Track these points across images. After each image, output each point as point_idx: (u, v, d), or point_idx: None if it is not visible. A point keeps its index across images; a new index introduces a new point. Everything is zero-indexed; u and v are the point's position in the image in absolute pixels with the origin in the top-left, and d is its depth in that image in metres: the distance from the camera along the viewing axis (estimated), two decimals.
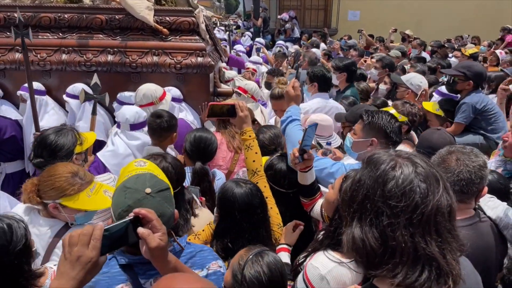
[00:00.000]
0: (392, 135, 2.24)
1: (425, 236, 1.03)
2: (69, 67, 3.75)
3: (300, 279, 1.48)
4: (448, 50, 9.85)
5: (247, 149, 2.35)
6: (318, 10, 14.41)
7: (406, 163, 1.09)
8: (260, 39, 11.95)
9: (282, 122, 2.46)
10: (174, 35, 3.89)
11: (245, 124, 2.41)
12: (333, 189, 1.82)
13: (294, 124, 2.37)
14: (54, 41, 3.77)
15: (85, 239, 1.14)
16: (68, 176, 1.94)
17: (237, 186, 1.95)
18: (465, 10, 13.13)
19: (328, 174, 2.20)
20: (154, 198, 1.39)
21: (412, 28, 12.33)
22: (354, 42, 11.76)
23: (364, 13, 13.97)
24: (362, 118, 2.33)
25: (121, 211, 1.37)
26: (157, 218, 1.27)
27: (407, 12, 13.42)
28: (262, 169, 2.30)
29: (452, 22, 13.06)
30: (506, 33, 11.32)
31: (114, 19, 3.83)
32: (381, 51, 9.56)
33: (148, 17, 3.78)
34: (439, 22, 13.11)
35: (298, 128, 2.35)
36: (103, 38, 3.83)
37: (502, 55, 8.36)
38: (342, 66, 4.52)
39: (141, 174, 1.50)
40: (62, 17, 3.79)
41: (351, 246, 1.10)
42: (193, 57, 3.83)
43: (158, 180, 1.48)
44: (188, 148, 2.75)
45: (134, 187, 1.41)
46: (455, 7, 13.16)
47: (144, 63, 3.78)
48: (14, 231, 1.53)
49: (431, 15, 13.31)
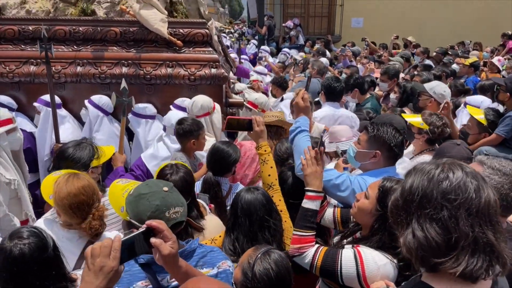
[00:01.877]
0: (395, 148, 2.29)
1: (482, 226, 1.11)
2: (84, 79, 3.78)
3: (350, 256, 1.74)
4: (452, 57, 9.88)
5: (263, 163, 2.43)
6: (322, 17, 14.46)
7: (454, 167, 1.18)
8: (266, 47, 12.01)
9: (291, 132, 2.51)
10: (188, 47, 3.93)
11: (260, 139, 2.50)
12: (367, 199, 1.85)
13: (303, 135, 2.41)
14: (69, 53, 3.80)
15: (106, 250, 1.24)
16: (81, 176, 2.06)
17: (248, 191, 2.08)
18: (467, 16, 13.19)
19: (333, 186, 2.24)
20: (173, 193, 1.58)
21: (414, 34, 12.41)
22: (357, 49, 11.83)
23: (367, 20, 14.03)
24: (367, 129, 2.37)
25: (150, 214, 1.52)
26: (167, 228, 1.38)
27: (409, 19, 13.48)
28: (277, 183, 2.38)
29: (454, 28, 13.12)
30: (506, 39, 11.37)
31: (128, 32, 3.86)
32: (385, 58, 9.61)
33: (162, 29, 3.81)
34: (441, 29, 13.17)
35: (306, 139, 2.39)
36: (118, 51, 3.86)
37: (501, 62, 8.42)
38: (350, 85, 4.70)
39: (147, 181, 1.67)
40: (77, 30, 3.82)
41: (413, 245, 1.16)
42: (206, 68, 3.86)
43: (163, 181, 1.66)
44: (207, 158, 2.86)
45: (152, 190, 1.57)
46: (457, 13, 13.24)
47: (158, 75, 3.81)
48: (42, 230, 1.67)
49: (433, 22, 13.37)
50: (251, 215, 2.01)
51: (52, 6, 3.95)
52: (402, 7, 13.58)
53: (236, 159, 2.83)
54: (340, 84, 4.24)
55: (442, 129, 3.31)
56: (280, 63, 9.99)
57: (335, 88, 4.16)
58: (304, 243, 1.92)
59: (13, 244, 1.57)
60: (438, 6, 13.31)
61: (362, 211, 1.87)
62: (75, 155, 2.49)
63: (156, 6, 3.87)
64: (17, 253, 1.56)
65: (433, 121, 3.31)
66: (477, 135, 3.78)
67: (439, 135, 3.30)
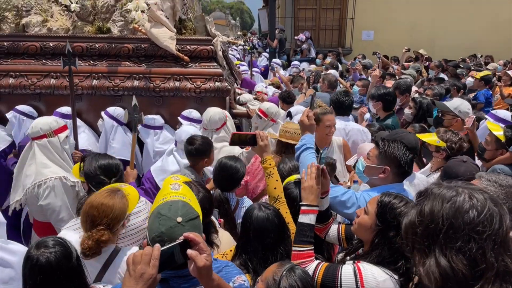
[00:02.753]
0: (405, 166, 2.29)
1: (503, 254, 1.14)
2: (99, 91, 4.10)
3: (350, 272, 1.76)
4: (464, 70, 9.93)
5: (268, 177, 2.49)
6: (333, 30, 14.67)
7: (474, 192, 1.19)
8: (277, 60, 12.27)
9: (297, 149, 2.54)
10: (194, 62, 4.22)
11: (265, 153, 2.56)
12: (367, 215, 1.88)
13: (308, 152, 2.45)
14: (86, 68, 4.13)
15: (146, 258, 1.32)
16: (116, 197, 2.11)
17: (259, 209, 2.08)
18: (479, 29, 13.25)
19: (339, 203, 2.26)
20: (184, 227, 1.51)
21: (425, 47, 12.52)
22: (368, 62, 11.97)
23: (378, 33, 14.18)
24: (378, 145, 2.38)
25: (155, 236, 1.50)
26: (203, 241, 1.43)
27: (420, 31, 13.59)
28: (283, 196, 2.42)
29: (465, 41, 13.17)
30: None
31: (140, 48, 4.18)
32: (397, 71, 9.65)
33: (171, 46, 4.12)
34: (453, 41, 13.25)
35: (312, 156, 2.42)
36: (130, 65, 4.18)
37: None
38: (377, 95, 4.56)
39: (174, 201, 1.61)
40: (93, 46, 4.16)
41: (437, 275, 1.15)
42: (211, 82, 4.15)
43: (190, 208, 1.59)
44: (213, 174, 2.93)
45: (168, 215, 1.53)
46: (469, 26, 13.29)
47: (166, 88, 4.10)
48: (66, 240, 1.76)
49: (444, 34, 13.47)
50: (264, 238, 2.02)
51: (71, 25, 4.29)
52: (413, 19, 13.68)
53: (243, 173, 2.90)
54: (349, 98, 4.29)
55: (460, 145, 3.32)
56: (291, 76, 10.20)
57: (344, 102, 4.20)
58: (303, 258, 1.93)
59: (40, 253, 1.64)
60: (450, 19, 13.39)
61: (362, 226, 1.90)
62: (118, 163, 2.69)
63: (165, 25, 4.19)
64: (43, 261, 1.62)
65: (450, 137, 3.31)
66: (494, 152, 3.64)
67: (457, 151, 3.29)
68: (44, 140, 3.05)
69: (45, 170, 3.01)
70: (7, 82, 4.02)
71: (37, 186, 2.97)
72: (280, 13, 15.18)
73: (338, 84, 7.16)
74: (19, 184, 3.09)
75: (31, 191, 2.99)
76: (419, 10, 13.52)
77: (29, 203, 3.08)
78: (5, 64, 4.09)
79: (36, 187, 2.97)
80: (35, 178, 3.00)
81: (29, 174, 3.02)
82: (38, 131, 3.05)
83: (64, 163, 3.13)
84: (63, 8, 4.31)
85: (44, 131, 3.06)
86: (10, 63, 4.10)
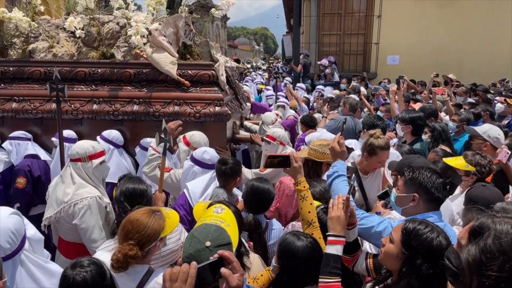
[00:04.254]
0: (434, 191, 2.24)
1: None
2: (99, 116, 4.10)
3: None
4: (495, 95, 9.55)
5: (302, 200, 2.41)
6: (357, 55, 14.54)
7: None
8: (301, 84, 12.24)
9: (328, 177, 2.52)
10: (195, 87, 4.17)
11: (299, 175, 2.49)
12: (392, 243, 1.84)
13: (340, 180, 2.43)
14: (87, 92, 4.15)
15: (184, 276, 1.33)
16: (153, 217, 2.14)
17: (298, 239, 2.04)
18: (509, 52, 12.78)
19: (375, 233, 2.22)
20: (212, 252, 1.50)
21: (452, 71, 12.16)
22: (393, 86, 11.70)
23: (403, 57, 13.94)
24: (404, 173, 2.36)
25: (184, 257, 1.53)
26: (237, 260, 1.43)
27: (447, 56, 13.26)
28: (317, 220, 2.35)
29: (495, 65, 12.72)
30: None
31: (141, 73, 4.18)
32: (424, 95, 9.40)
33: (172, 70, 4.09)
34: (481, 65, 12.82)
35: (344, 184, 2.41)
36: (131, 90, 4.17)
37: None
38: (408, 118, 4.46)
39: (209, 225, 1.62)
40: (96, 71, 4.19)
41: None
42: (211, 106, 4.07)
43: (222, 234, 1.60)
44: (244, 197, 2.87)
45: (198, 237, 1.56)
46: (498, 49, 12.86)
47: (166, 112, 4.06)
48: (99, 260, 1.83)
49: (472, 58, 13.06)
50: (303, 273, 2.00)
51: (77, 50, 4.36)
52: (439, 43, 13.37)
53: (274, 196, 2.88)
54: (383, 122, 4.32)
55: (489, 167, 3.25)
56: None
57: (378, 126, 4.19)
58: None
59: (76, 272, 1.72)
60: (478, 42, 13.01)
61: (388, 255, 1.85)
62: (144, 189, 2.73)
63: (167, 50, 4.17)
64: (80, 280, 1.70)
65: (478, 161, 3.23)
66: None
67: (488, 174, 3.24)
68: (78, 163, 3.12)
69: (81, 190, 3.07)
70: (10, 106, 4.09)
71: (73, 205, 3.02)
72: (304, 39, 15.23)
73: (359, 107, 6.99)
74: (53, 202, 3.12)
75: (67, 209, 3.02)
76: (445, 33, 13.22)
77: (61, 222, 3.09)
78: (10, 89, 4.18)
79: (72, 206, 3.01)
80: (71, 197, 3.04)
81: (68, 193, 3.06)
82: (75, 154, 3.13)
83: (97, 185, 3.19)
84: (70, 34, 4.38)
85: (80, 155, 3.12)
86: (15, 88, 4.18)
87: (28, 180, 3.77)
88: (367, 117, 4.55)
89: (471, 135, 4.20)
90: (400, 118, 4.58)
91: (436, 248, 1.70)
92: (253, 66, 19.24)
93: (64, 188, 3.09)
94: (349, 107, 6.12)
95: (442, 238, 1.73)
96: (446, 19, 13.18)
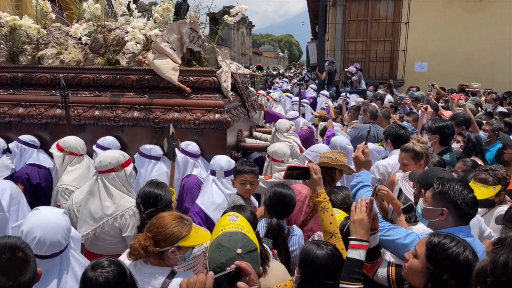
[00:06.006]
0: (464, 206, 2.14)
1: None
2: (101, 122, 4.14)
3: None
4: None
5: (323, 211, 2.40)
6: (384, 62, 14.24)
7: None
8: (325, 91, 12.07)
9: (353, 187, 2.48)
10: (196, 93, 4.14)
11: (318, 186, 2.49)
12: (416, 258, 1.78)
13: (365, 190, 2.39)
14: (91, 98, 4.20)
15: (200, 286, 1.33)
16: (177, 221, 2.19)
17: (318, 247, 2.03)
18: None
19: (401, 245, 2.16)
20: (244, 259, 1.53)
21: (483, 79, 11.69)
22: (421, 94, 11.35)
23: (432, 64, 13.54)
24: (433, 186, 2.28)
25: (215, 267, 1.52)
26: (254, 272, 1.42)
27: (477, 62, 12.78)
28: (339, 231, 2.33)
29: None
30: None
31: (143, 79, 4.19)
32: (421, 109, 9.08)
33: (173, 77, 4.08)
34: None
35: (369, 194, 2.38)
36: (133, 96, 4.19)
37: None
38: (434, 128, 4.35)
39: (234, 232, 1.63)
40: (99, 78, 4.24)
41: None
42: (211, 113, 4.02)
43: (249, 240, 1.62)
44: (267, 203, 2.89)
45: (228, 246, 1.56)
46: None
47: (165, 119, 4.04)
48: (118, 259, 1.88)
49: (505, 65, 12.50)
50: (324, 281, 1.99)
51: (83, 57, 4.42)
52: (469, 50, 12.91)
53: (295, 202, 2.89)
54: (406, 131, 4.21)
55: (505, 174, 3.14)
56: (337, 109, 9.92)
57: (401, 135, 4.12)
58: None
59: (98, 273, 1.76)
60: (510, 48, 12.46)
61: (412, 271, 1.80)
62: (162, 194, 2.71)
63: (170, 56, 4.17)
64: (102, 280, 1.74)
65: (496, 175, 3.09)
66: None
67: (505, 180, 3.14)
68: (112, 174, 3.10)
69: (122, 200, 3.07)
70: (17, 111, 4.18)
71: (120, 217, 3.02)
72: (329, 46, 15.06)
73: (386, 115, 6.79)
74: (87, 218, 3.07)
75: (112, 222, 3.01)
76: (476, 39, 12.75)
77: (102, 236, 3.05)
78: (18, 94, 4.28)
79: (119, 218, 3.02)
80: (115, 209, 3.03)
81: (107, 206, 3.04)
82: (107, 165, 3.10)
83: (132, 193, 3.19)
84: (78, 41, 4.46)
85: (113, 165, 3.11)
86: (23, 93, 4.28)
87: (26, 188, 3.81)
88: (390, 127, 4.42)
89: (505, 144, 4.06)
90: (427, 128, 4.44)
91: (463, 263, 1.65)
92: (280, 73, 19.28)
93: (100, 202, 3.06)
94: (369, 115, 6.02)
95: (468, 253, 1.67)
96: (476, 25, 12.75)
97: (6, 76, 4.37)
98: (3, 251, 1.61)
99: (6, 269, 1.58)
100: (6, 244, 1.63)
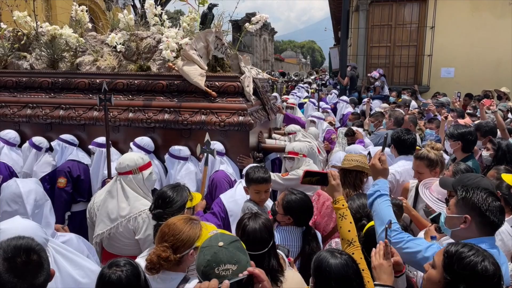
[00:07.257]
0: (489, 214, 2.04)
1: None
2: (134, 123, 4.45)
3: None
4: None
5: (341, 218, 2.33)
6: (408, 67, 14.15)
7: None
8: (345, 97, 12.12)
9: (369, 196, 2.42)
10: (221, 97, 4.41)
11: (336, 193, 2.43)
12: (434, 268, 1.74)
13: (383, 200, 2.32)
14: (125, 102, 4.53)
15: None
16: (189, 223, 2.19)
17: (332, 256, 1.90)
18: None
19: (423, 259, 2.08)
20: (227, 249, 1.54)
21: None
22: (446, 100, 11.27)
23: (459, 70, 13.39)
24: (457, 193, 2.19)
25: (203, 268, 1.52)
26: (267, 280, 1.43)
27: (507, 68, 12.56)
28: (357, 239, 2.26)
29: None
30: None
31: (173, 84, 4.50)
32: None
33: (200, 82, 4.37)
34: None
35: (387, 204, 2.29)
36: (163, 100, 4.50)
37: None
38: (457, 134, 4.20)
39: (212, 235, 1.67)
40: (133, 83, 4.57)
41: None
42: (235, 116, 4.28)
43: (228, 235, 1.64)
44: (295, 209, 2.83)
45: (209, 244, 1.59)
46: None
47: (193, 121, 4.32)
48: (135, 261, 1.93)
49: None
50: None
51: (117, 63, 4.77)
52: (497, 55, 12.72)
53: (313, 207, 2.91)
54: (411, 136, 4.14)
55: None
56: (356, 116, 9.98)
57: (406, 140, 4.07)
58: None
59: (112, 271, 1.79)
60: None
61: (430, 282, 1.74)
62: (174, 197, 2.68)
63: (197, 63, 4.46)
64: (115, 278, 1.77)
65: None
66: None
67: None
68: (130, 176, 3.14)
69: (137, 203, 3.09)
70: (58, 113, 4.55)
71: (134, 219, 3.03)
72: (352, 51, 15.10)
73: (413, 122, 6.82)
74: (104, 218, 3.12)
75: (126, 224, 3.03)
76: (504, 44, 12.57)
77: (117, 237, 3.09)
78: (58, 98, 4.65)
79: (132, 220, 3.03)
80: (130, 211, 3.05)
81: (123, 207, 3.07)
82: (125, 167, 3.14)
83: (149, 196, 3.23)
84: (112, 49, 4.81)
85: (130, 168, 3.14)
86: (63, 97, 4.66)
87: (68, 180, 4.17)
88: (395, 132, 4.39)
89: None
90: (449, 134, 4.32)
91: (481, 274, 1.57)
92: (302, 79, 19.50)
93: (117, 202, 3.09)
94: (394, 120, 5.92)
95: (488, 263, 1.59)
96: (504, 30, 12.55)
97: (48, 81, 4.76)
98: (18, 254, 1.59)
99: (21, 272, 1.57)
100: (22, 246, 1.61)
